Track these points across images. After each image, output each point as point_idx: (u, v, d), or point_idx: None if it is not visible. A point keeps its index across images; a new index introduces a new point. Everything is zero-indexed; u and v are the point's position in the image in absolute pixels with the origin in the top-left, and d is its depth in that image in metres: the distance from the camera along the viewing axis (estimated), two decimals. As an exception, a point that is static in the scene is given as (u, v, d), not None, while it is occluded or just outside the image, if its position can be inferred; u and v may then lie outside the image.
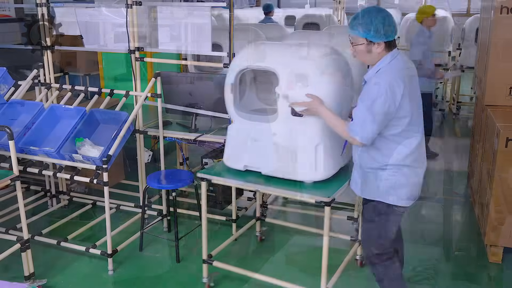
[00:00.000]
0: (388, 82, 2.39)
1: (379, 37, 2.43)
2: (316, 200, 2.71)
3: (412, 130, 2.54)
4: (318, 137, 2.76)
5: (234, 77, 2.88)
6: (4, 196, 4.32)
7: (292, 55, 2.83)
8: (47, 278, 3.29)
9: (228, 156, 3.05)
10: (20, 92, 4.05)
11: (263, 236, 3.92)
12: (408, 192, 2.64)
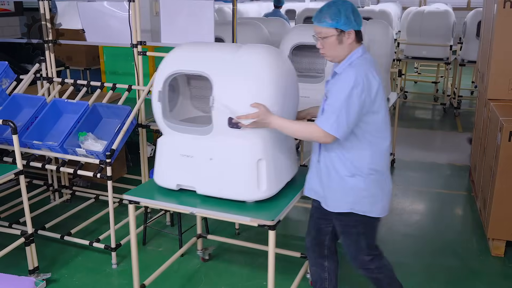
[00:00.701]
0: (364, 72, 2.26)
1: (349, 24, 2.29)
2: (259, 224, 2.37)
3: (385, 129, 2.38)
4: (260, 151, 2.44)
5: (161, 84, 2.53)
6: (6, 190, 4.33)
7: (227, 57, 2.45)
8: (51, 272, 3.30)
9: (159, 173, 2.67)
10: (22, 87, 4.04)
11: (206, 256, 3.55)
12: (385, 202, 2.46)
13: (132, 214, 2.67)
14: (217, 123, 2.42)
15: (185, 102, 2.88)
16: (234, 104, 2.36)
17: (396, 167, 5.41)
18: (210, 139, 2.47)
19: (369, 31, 4.47)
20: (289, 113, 2.55)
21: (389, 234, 4.00)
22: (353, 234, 2.51)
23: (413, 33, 7.63)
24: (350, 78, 2.24)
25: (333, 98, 2.27)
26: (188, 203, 2.53)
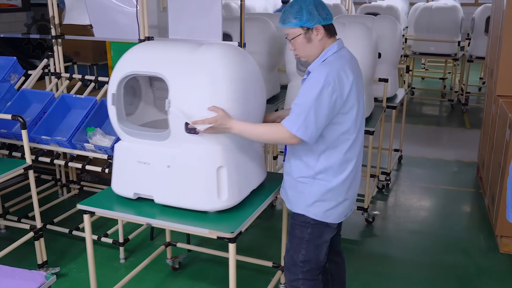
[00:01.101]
0: (337, 70, 2.11)
1: (313, 19, 2.15)
2: (218, 236, 2.21)
3: (353, 132, 2.22)
4: (220, 157, 2.29)
5: (115, 86, 2.36)
6: (14, 185, 4.35)
7: (185, 57, 2.29)
8: (59, 267, 3.32)
9: (116, 181, 2.52)
10: (31, 82, 4.06)
11: (176, 265, 3.38)
12: (346, 207, 2.33)
13: (88, 225, 2.51)
14: (174, 128, 2.27)
15: (148, 104, 2.72)
16: (190, 107, 2.20)
17: (403, 164, 5.39)
18: (167, 145, 2.33)
19: (377, 26, 4.46)
20: (253, 116, 2.39)
21: (396, 231, 4.00)
22: (297, 237, 2.34)
23: (420, 28, 7.59)
24: (321, 77, 2.09)
25: (302, 98, 2.12)
26: (146, 213, 2.38)
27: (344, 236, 3.81)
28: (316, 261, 2.35)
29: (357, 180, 2.35)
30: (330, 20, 2.21)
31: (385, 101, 4.28)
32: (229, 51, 2.33)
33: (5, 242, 3.44)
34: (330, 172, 2.23)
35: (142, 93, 2.69)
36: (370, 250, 3.71)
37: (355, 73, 2.20)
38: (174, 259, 3.36)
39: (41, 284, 1.69)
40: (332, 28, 2.23)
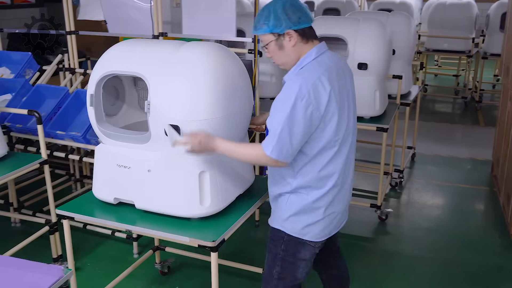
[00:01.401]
0: (312, 81, 1.91)
1: (281, 24, 1.95)
2: (199, 244, 2.10)
3: (338, 144, 2.03)
4: (202, 162, 2.17)
5: (94, 86, 2.25)
6: (28, 180, 4.38)
7: (166, 56, 2.17)
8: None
9: (97, 185, 2.42)
10: (45, 77, 4.08)
11: (166, 269, 3.29)
12: (327, 224, 2.12)
13: (68, 231, 2.42)
14: (154, 130, 2.15)
15: (132, 105, 2.62)
16: (171, 108, 2.09)
17: (416, 161, 5.35)
18: (148, 149, 2.22)
19: (391, 22, 4.43)
20: (238, 118, 2.29)
21: (409, 229, 3.98)
22: (272, 252, 2.20)
23: (434, 25, 7.52)
24: (293, 90, 1.90)
25: (275, 115, 1.94)
26: (126, 219, 2.28)
27: (357, 233, 3.84)
28: (292, 279, 2.18)
29: (342, 195, 2.13)
30: (306, 23, 1.99)
31: (399, 98, 4.25)
32: (212, 50, 2.20)
33: (20, 236, 3.48)
34: (308, 188, 2.05)
35: (126, 94, 2.58)
36: (383, 247, 3.69)
37: (339, 78, 2.01)
38: (163, 264, 3.26)
39: (59, 278, 1.70)
40: (309, 32, 2.02)
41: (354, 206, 4.17)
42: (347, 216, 2.27)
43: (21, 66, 4.06)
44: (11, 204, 3.81)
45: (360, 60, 3.63)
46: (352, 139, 2.11)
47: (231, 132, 2.23)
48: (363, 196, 4.49)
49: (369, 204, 4.01)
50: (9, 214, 3.80)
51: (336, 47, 4.11)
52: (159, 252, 3.26)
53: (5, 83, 3.87)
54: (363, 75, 3.66)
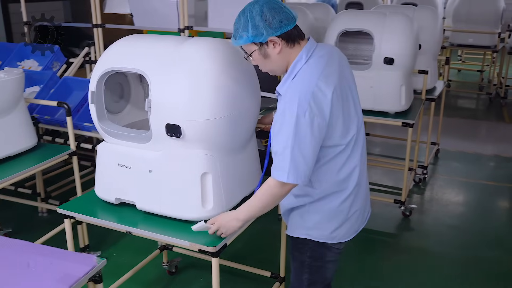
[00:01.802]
0: (310, 91, 1.76)
1: (261, 33, 1.79)
2: (200, 249, 2.02)
3: (352, 139, 1.92)
4: (205, 163, 2.09)
5: (95, 83, 2.20)
6: (54, 171, 4.45)
7: (169, 53, 2.09)
8: (100, 251, 3.39)
9: (98, 184, 2.36)
10: (72, 70, 4.14)
11: (173, 269, 3.24)
12: (353, 222, 2.05)
13: (69, 230, 2.37)
14: (155, 129, 2.07)
15: (137, 102, 2.54)
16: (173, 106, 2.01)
17: (440, 157, 5.29)
18: (149, 148, 2.15)
19: (417, 17, 4.38)
20: (246, 117, 2.20)
21: (433, 225, 3.94)
22: (297, 260, 2.13)
23: (459, 19, 7.41)
24: (293, 105, 1.75)
25: (280, 137, 1.79)
26: (128, 220, 2.22)
27: (381, 229, 3.83)
28: (322, 281, 2.13)
29: (362, 191, 2.06)
30: (289, 25, 1.82)
31: (425, 93, 4.20)
32: (216, 46, 2.09)
33: (47, 226, 3.55)
34: (330, 193, 1.97)
35: (132, 91, 2.51)
36: (406, 243, 3.67)
37: (336, 72, 1.86)
38: (170, 263, 3.22)
39: (93, 267, 1.72)
40: (294, 33, 1.85)
41: (377, 202, 4.15)
42: (370, 208, 2.21)
43: (49, 58, 4.12)
44: (39, 194, 3.88)
45: (387, 54, 3.60)
46: (362, 133, 2.02)
47: (236, 133, 2.16)
48: (386, 192, 4.46)
49: (392, 200, 3.98)
50: (36, 203, 3.87)
51: (359, 41, 4.09)
52: (166, 252, 3.21)
53: (33, 75, 3.93)
54: (389, 69, 3.63)
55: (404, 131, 3.79)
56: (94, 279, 1.75)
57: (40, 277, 1.66)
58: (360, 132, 1.98)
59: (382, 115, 3.73)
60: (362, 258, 3.44)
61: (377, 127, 5.84)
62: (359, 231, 2.12)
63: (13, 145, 2.94)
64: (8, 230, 3.60)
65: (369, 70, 3.69)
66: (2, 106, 2.83)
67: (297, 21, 1.87)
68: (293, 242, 2.11)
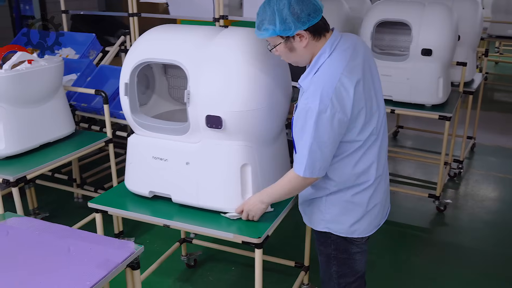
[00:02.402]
0: (332, 86, 1.73)
1: (290, 28, 1.76)
2: (243, 241, 2.02)
3: (373, 134, 1.88)
4: (244, 154, 2.08)
5: (128, 75, 2.15)
6: (90, 157, 4.54)
7: (205, 42, 2.05)
8: (134, 237, 3.45)
9: (130, 177, 2.32)
10: (108, 58, 4.19)
11: (192, 262, 3.23)
12: (374, 216, 2.01)
13: (100, 225, 2.33)
14: (194, 121, 2.05)
15: (162, 93, 2.52)
16: (212, 98, 1.99)
17: (476, 152, 5.17)
18: (186, 140, 2.13)
19: (457, 7, 4.25)
20: (279, 108, 2.19)
21: (469, 221, 3.86)
22: (323, 254, 2.12)
23: (498, 10, 7.18)
24: (314, 100, 1.73)
25: (301, 132, 1.79)
26: (163, 213, 2.19)
27: (414, 223, 3.77)
28: (352, 273, 2.09)
29: (381, 185, 2.01)
30: (316, 18, 1.78)
31: (462, 85, 4.10)
32: (253, 37, 2.05)
33: (82, 211, 3.62)
34: (346, 187, 1.95)
35: (156, 82, 2.48)
36: (440, 239, 3.61)
37: (361, 69, 1.83)
38: (190, 256, 3.20)
39: (131, 253, 1.75)
40: (320, 26, 1.81)
41: (410, 196, 4.09)
42: (389, 204, 2.17)
43: (85, 47, 4.18)
44: (75, 180, 3.96)
45: (425, 46, 3.52)
46: (383, 127, 1.97)
47: (273, 123, 2.15)
48: (420, 186, 4.39)
49: (427, 194, 3.91)
50: (72, 189, 3.96)
51: (396, 32, 4.01)
52: (185, 245, 3.19)
53: (71, 63, 4.00)
54: (427, 61, 3.55)
55: (438, 124, 3.72)
56: (132, 266, 1.78)
57: (80, 262, 1.69)
58: (380, 127, 1.93)
59: (418, 107, 3.65)
60: (394, 251, 3.41)
61: (410, 120, 5.74)
62: (380, 225, 2.09)
63: (52, 131, 3.00)
64: (45, 214, 3.70)
65: (406, 62, 3.62)
66: (42, 93, 2.89)
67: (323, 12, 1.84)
68: (317, 236, 2.12)
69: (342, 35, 1.88)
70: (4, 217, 2.01)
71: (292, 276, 2.91)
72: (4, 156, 2.77)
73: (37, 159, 2.81)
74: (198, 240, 3.21)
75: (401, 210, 3.95)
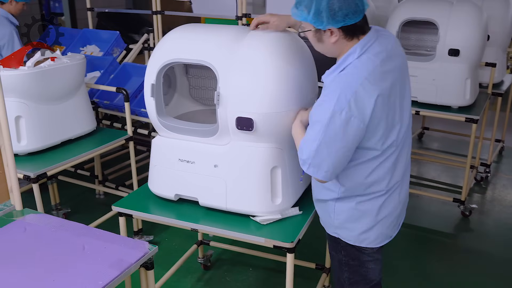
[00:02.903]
0: (353, 89, 1.63)
1: (322, 21, 1.66)
2: (275, 245, 1.98)
3: (390, 146, 1.79)
4: (275, 157, 2.04)
5: (155, 75, 2.09)
6: (112, 154, 4.58)
7: (234, 43, 2.00)
8: (153, 235, 3.46)
9: (154, 180, 2.27)
10: (132, 56, 4.21)
11: (208, 262, 3.21)
12: (384, 229, 1.92)
13: (124, 228, 2.29)
14: (223, 123, 2.00)
15: (183, 94, 2.47)
16: (242, 100, 1.94)
17: (504, 156, 5.02)
18: (214, 142, 2.08)
19: (486, 6, 4.14)
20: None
21: (495, 227, 3.75)
22: (335, 258, 2.06)
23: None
24: (331, 100, 1.65)
25: (313, 128, 1.72)
26: (189, 217, 2.14)
27: (437, 228, 3.68)
28: (365, 281, 2.01)
29: (394, 197, 1.90)
30: (354, 19, 1.66)
31: (491, 87, 3.97)
32: (284, 37, 2.03)
33: (103, 208, 3.66)
34: (355, 194, 1.87)
35: (177, 82, 2.43)
36: (465, 245, 3.51)
37: (391, 76, 1.72)
38: (205, 257, 3.19)
39: (145, 253, 1.74)
40: (357, 27, 1.70)
41: (434, 200, 4.00)
42: (404, 215, 2.04)
43: (109, 44, 4.21)
44: (96, 176, 4.00)
45: (452, 46, 3.42)
46: (406, 139, 1.87)
47: None
48: (444, 190, 4.28)
49: (451, 199, 3.81)
50: (94, 186, 3.99)
51: (422, 31, 3.92)
52: (202, 247, 3.17)
53: (94, 60, 4.04)
54: (454, 61, 3.45)
55: (466, 126, 3.61)
56: (146, 266, 1.77)
57: (94, 261, 1.69)
58: (402, 140, 1.83)
59: (444, 109, 3.56)
60: (416, 257, 3.33)
61: (436, 121, 5.61)
62: (392, 237, 1.99)
63: (74, 129, 3.03)
64: (67, 210, 3.74)
65: (432, 62, 3.53)
66: (64, 91, 2.92)
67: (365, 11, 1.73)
68: (328, 239, 2.06)
69: (379, 36, 1.76)
70: (23, 213, 2.03)
71: (311, 280, 2.87)
72: (26, 153, 2.81)
73: (58, 156, 2.84)
74: (215, 242, 3.19)
75: (424, 214, 3.86)
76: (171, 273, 2.91)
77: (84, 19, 4.70)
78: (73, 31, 4.48)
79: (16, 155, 2.74)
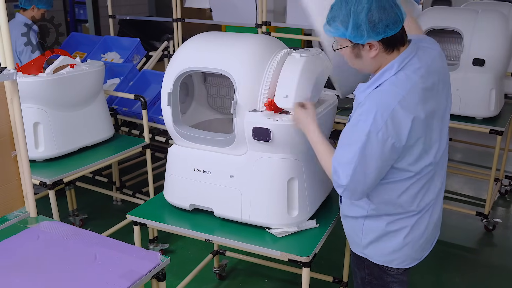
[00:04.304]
0: (390, 108, 1.55)
1: (363, 35, 1.58)
2: (290, 259, 1.93)
3: (427, 168, 1.71)
4: (292, 168, 2.01)
5: (171, 84, 2.07)
6: (130, 161, 4.59)
7: (250, 52, 1.98)
8: (168, 243, 3.44)
9: (169, 189, 2.25)
10: (151, 63, 4.23)
11: (223, 272, 3.16)
12: (413, 250, 1.83)
13: (138, 237, 2.27)
14: (240, 133, 1.97)
15: (201, 102, 2.45)
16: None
17: (531, 168, 4.88)
18: (231, 152, 2.05)
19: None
20: (324, 119, 2.13)
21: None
22: (357, 276, 1.99)
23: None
24: (368, 119, 1.56)
25: (348, 149, 1.63)
26: (204, 227, 2.12)
27: (459, 242, 3.58)
28: None
29: (425, 218, 1.82)
30: (394, 30, 1.58)
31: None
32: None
33: (120, 214, 3.64)
34: (385, 213, 1.79)
35: (196, 90, 2.41)
36: (488, 260, 3.40)
37: (430, 94, 1.64)
38: (221, 267, 3.15)
39: (156, 264, 1.71)
40: (396, 38, 1.61)
41: (457, 213, 3.89)
42: (437, 234, 1.96)
43: (130, 51, 4.23)
44: (114, 183, 4.00)
45: (477, 55, 3.33)
46: (442, 161, 1.79)
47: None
48: (467, 203, 4.17)
49: (474, 212, 3.71)
50: (111, 193, 4.00)
51: (446, 40, 3.84)
52: (218, 257, 3.12)
53: (114, 67, 4.06)
54: (479, 72, 3.36)
55: (490, 138, 3.51)
56: (158, 277, 1.74)
57: (106, 271, 1.67)
58: (439, 160, 1.75)
59: (468, 120, 3.47)
60: (437, 272, 3.23)
61: (460, 132, 5.49)
62: (420, 260, 1.91)
63: (91, 135, 3.03)
64: (84, 216, 3.75)
65: (456, 72, 3.44)
66: (82, 97, 2.93)
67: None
68: (353, 256, 1.99)
69: (418, 49, 1.67)
70: (37, 220, 2.03)
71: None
72: (43, 159, 2.82)
73: (75, 163, 2.84)
74: (231, 252, 3.15)
75: (446, 227, 3.73)
76: (186, 282, 2.87)
77: (107, 26, 4.74)
78: (95, 38, 4.53)
79: (34, 161, 2.76)
